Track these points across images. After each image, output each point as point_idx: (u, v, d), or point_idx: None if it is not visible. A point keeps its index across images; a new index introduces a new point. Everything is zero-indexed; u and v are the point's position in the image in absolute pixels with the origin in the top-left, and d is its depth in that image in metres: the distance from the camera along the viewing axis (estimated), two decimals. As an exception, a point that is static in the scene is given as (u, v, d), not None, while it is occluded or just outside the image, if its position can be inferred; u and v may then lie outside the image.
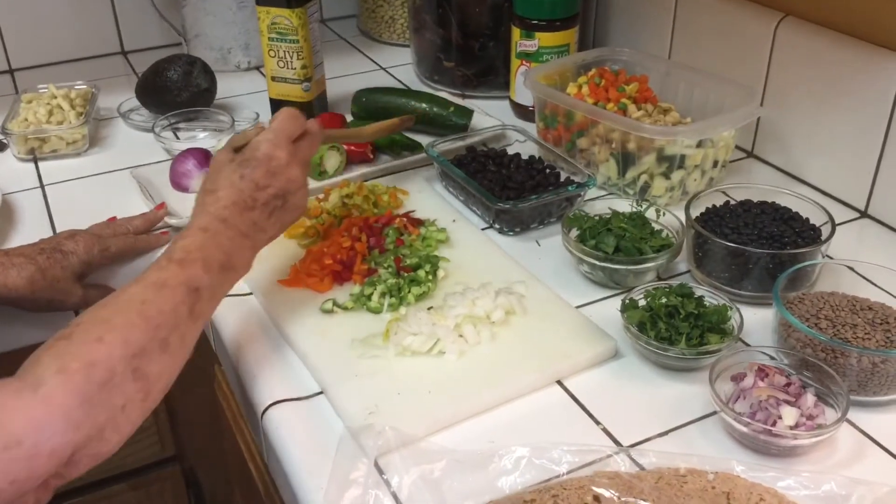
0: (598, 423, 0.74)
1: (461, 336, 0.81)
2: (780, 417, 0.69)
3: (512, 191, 1.01)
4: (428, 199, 1.06)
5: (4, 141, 1.23)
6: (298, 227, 0.98)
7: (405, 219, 0.99)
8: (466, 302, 0.84)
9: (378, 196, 1.04)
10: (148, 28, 1.56)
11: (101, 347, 0.63)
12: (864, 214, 1.04)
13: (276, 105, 1.25)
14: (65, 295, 0.91)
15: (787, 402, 0.70)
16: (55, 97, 1.26)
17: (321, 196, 1.04)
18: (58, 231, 1.04)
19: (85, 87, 1.32)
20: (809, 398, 0.71)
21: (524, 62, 1.25)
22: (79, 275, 0.93)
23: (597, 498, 0.64)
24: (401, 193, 1.06)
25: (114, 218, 1.03)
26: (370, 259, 0.93)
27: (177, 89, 1.26)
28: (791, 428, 0.69)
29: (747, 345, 0.82)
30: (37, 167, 1.19)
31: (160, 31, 1.56)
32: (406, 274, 0.89)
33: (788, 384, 0.72)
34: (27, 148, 1.20)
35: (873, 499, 0.65)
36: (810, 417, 0.70)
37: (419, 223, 0.99)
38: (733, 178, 1.11)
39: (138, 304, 0.67)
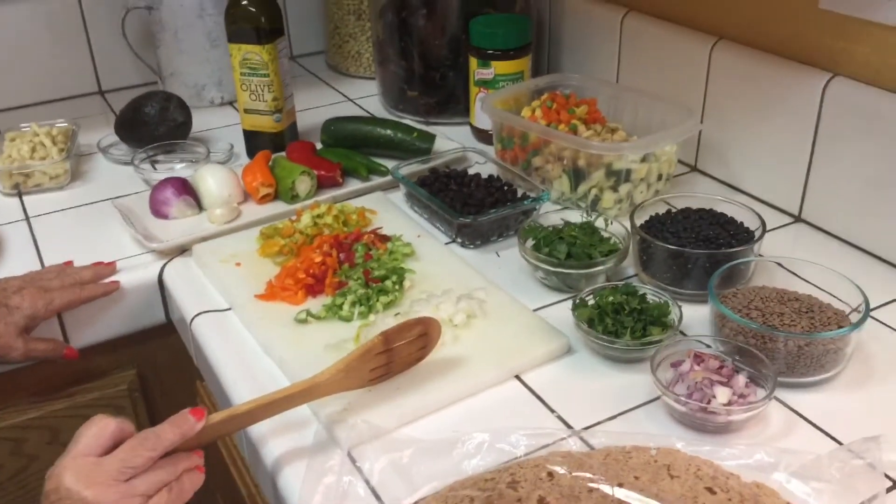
0: (552, 411, 0.81)
1: (426, 338, 0.88)
2: (714, 397, 0.76)
3: (472, 207, 1.08)
4: (394, 218, 1.13)
5: (-11, 177, 1.29)
6: (273, 247, 1.04)
7: (373, 235, 1.06)
8: (430, 307, 0.91)
9: (347, 215, 1.10)
10: (124, 68, 1.63)
11: None
12: (797, 219, 1.12)
13: (249, 136, 1.32)
14: (6, 350, 0.94)
15: (721, 383, 0.77)
16: (37, 135, 1.32)
17: (294, 217, 1.11)
18: (45, 263, 1.09)
19: (66, 124, 1.38)
20: (741, 379, 0.78)
21: (482, 89, 1.34)
22: (22, 329, 0.95)
23: (550, 474, 0.71)
24: (369, 213, 1.13)
25: (70, 262, 1.06)
26: (341, 273, 0.99)
27: (154, 124, 1.33)
28: (724, 405, 0.76)
29: (686, 336, 0.90)
30: (21, 201, 1.25)
31: (136, 71, 1.63)
32: (374, 284, 0.96)
33: (721, 367, 0.79)
34: (12, 183, 1.26)
35: (799, 465, 0.72)
36: (742, 396, 0.77)
37: (386, 239, 1.06)
38: (678, 189, 1.19)
39: None
